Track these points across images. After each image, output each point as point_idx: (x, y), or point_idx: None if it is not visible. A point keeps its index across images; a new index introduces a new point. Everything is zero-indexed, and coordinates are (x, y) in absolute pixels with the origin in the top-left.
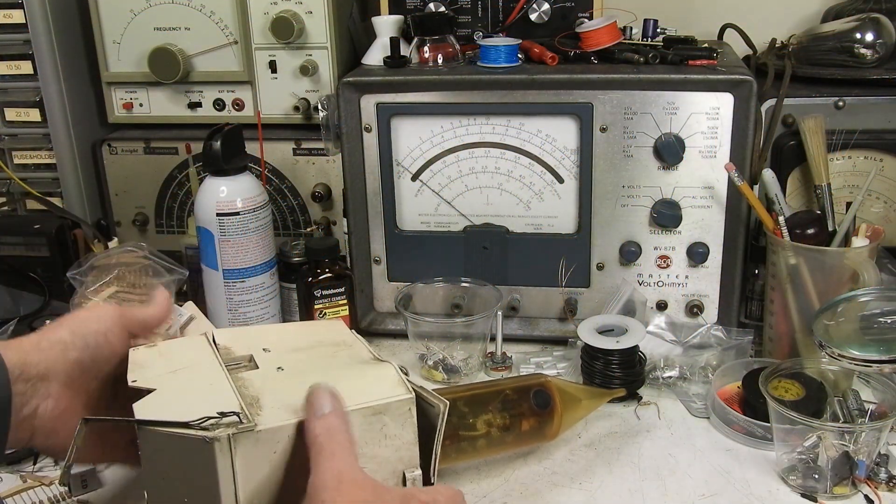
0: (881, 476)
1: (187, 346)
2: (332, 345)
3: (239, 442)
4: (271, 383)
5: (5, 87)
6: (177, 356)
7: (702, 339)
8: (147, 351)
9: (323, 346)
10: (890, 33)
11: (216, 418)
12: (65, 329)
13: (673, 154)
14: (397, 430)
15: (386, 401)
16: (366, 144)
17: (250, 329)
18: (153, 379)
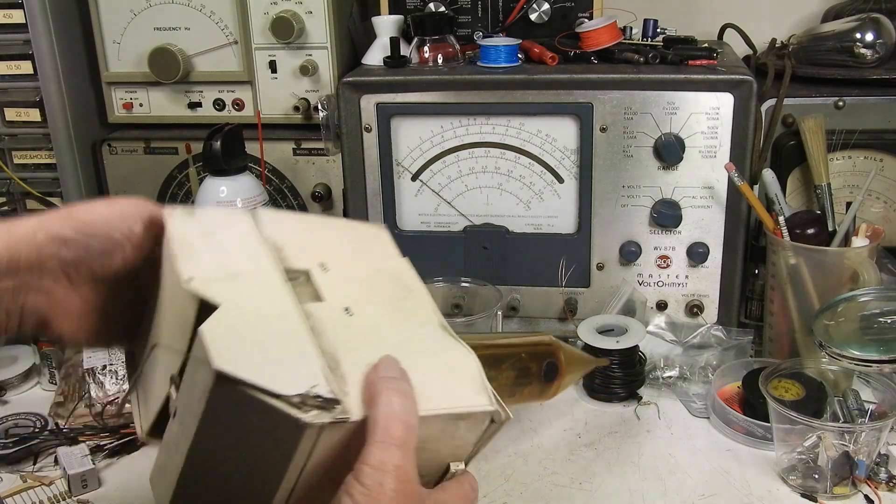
0: (881, 476)
1: (233, 226)
2: (392, 279)
3: (327, 431)
4: (344, 334)
5: (5, 87)
6: (228, 244)
7: (702, 339)
8: (188, 223)
9: (382, 277)
10: (890, 33)
11: (315, 401)
12: (68, 225)
13: (673, 154)
14: (466, 433)
15: (469, 409)
16: (366, 144)
17: (292, 219)
18: (212, 283)
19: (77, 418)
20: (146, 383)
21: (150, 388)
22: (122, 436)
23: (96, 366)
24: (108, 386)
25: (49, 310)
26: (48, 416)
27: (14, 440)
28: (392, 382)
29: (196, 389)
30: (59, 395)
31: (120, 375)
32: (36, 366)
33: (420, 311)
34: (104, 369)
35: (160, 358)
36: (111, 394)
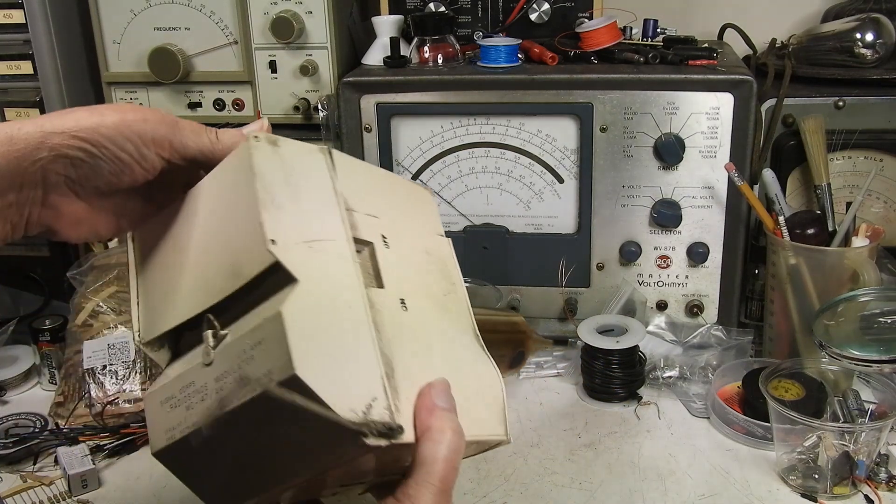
0: (881, 476)
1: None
2: (439, 266)
3: (383, 448)
4: (399, 334)
5: (5, 87)
6: (307, 195)
7: (702, 339)
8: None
9: (431, 264)
10: (890, 33)
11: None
12: (75, 144)
13: (673, 154)
14: (467, 450)
15: (488, 438)
16: (366, 144)
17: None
18: (291, 250)
19: (77, 418)
20: (157, 282)
21: (165, 291)
22: (122, 436)
23: (96, 366)
24: (108, 386)
25: (55, 220)
26: (48, 416)
27: (14, 440)
28: (445, 417)
29: (252, 367)
30: (59, 395)
31: (120, 375)
32: (36, 366)
33: (459, 311)
34: (104, 369)
35: (190, 269)
36: (111, 394)
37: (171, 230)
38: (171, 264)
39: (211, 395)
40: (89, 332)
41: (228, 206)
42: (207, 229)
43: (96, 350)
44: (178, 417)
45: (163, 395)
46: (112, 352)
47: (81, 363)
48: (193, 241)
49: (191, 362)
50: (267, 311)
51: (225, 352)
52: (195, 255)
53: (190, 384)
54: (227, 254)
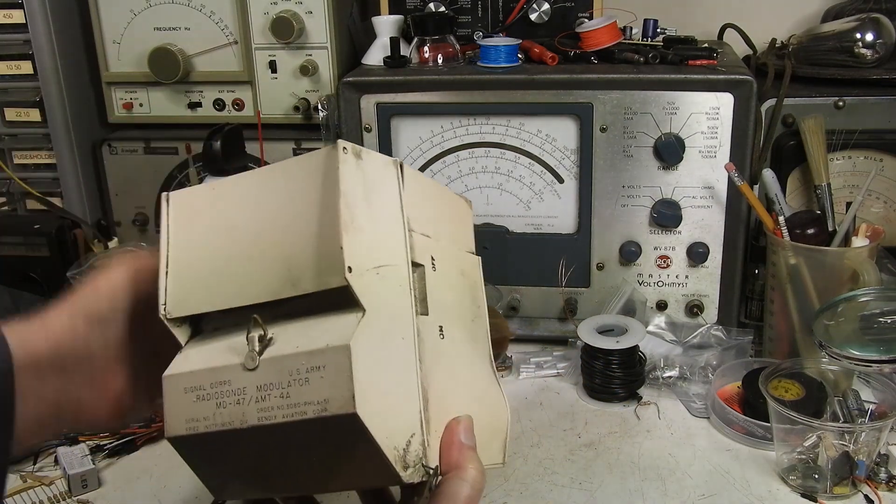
0: (881, 476)
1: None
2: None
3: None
4: (434, 364)
5: (5, 87)
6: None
7: (702, 339)
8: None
9: (465, 287)
10: (890, 33)
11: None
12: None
13: (673, 154)
14: None
15: (488, 465)
16: (366, 144)
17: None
18: (363, 277)
19: None
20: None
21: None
22: (122, 436)
23: None
24: None
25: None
26: None
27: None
28: (470, 457)
29: (306, 390)
30: None
31: None
32: None
33: (482, 336)
34: None
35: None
36: None
37: (219, 207)
38: (214, 244)
39: (249, 402)
40: None
41: (299, 210)
42: (267, 223)
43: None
44: (205, 411)
45: (188, 383)
46: None
47: None
48: (246, 228)
49: (224, 356)
50: (327, 333)
51: (274, 363)
52: (246, 245)
53: (225, 382)
54: (287, 258)
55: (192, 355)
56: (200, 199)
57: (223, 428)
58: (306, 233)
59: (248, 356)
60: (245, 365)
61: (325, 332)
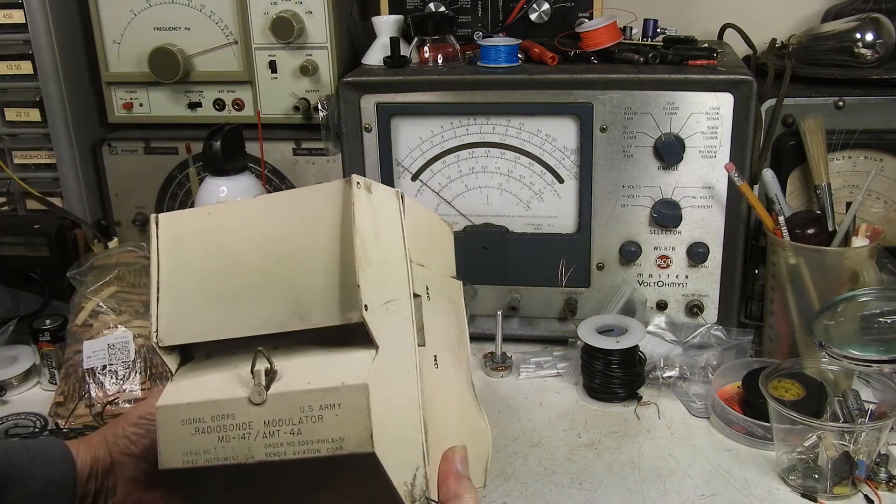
0: (881, 476)
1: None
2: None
3: None
4: (431, 395)
5: (5, 87)
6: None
7: (702, 339)
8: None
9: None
10: (890, 33)
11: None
12: (128, 421)
13: (673, 154)
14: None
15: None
16: (366, 144)
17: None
18: (375, 313)
19: (77, 418)
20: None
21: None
22: None
23: (96, 366)
24: (108, 386)
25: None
26: (48, 416)
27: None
28: (467, 487)
29: (319, 427)
30: (59, 395)
31: (120, 375)
32: (36, 366)
33: (465, 360)
34: (104, 369)
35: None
36: (111, 394)
37: (216, 232)
38: (210, 270)
39: (256, 437)
40: (89, 332)
41: (309, 242)
42: (271, 252)
43: (96, 350)
44: (205, 445)
45: (186, 414)
46: (112, 352)
47: (81, 363)
48: (247, 256)
49: (226, 388)
50: (340, 370)
51: (283, 399)
52: (247, 273)
53: (227, 416)
54: (294, 290)
55: (188, 385)
56: (194, 222)
57: (226, 462)
58: (317, 266)
59: (255, 391)
60: (251, 399)
61: (337, 368)
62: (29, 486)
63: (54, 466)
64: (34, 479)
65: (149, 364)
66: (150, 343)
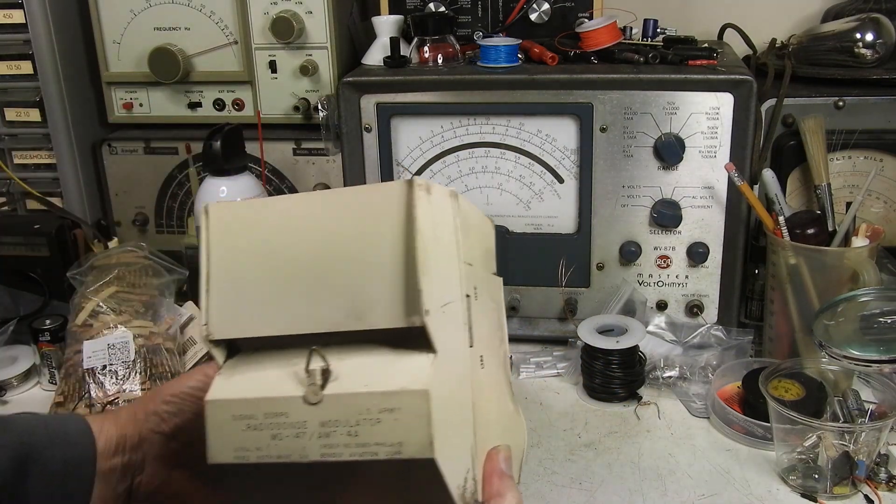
0: (881, 476)
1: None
2: (497, 314)
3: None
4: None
5: (5, 87)
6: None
7: (702, 339)
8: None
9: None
10: (890, 33)
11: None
12: (159, 398)
13: (673, 154)
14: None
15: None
16: (366, 144)
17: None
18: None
19: None
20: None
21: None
22: None
23: (96, 366)
24: (108, 386)
25: (160, 491)
26: None
27: None
28: (510, 486)
29: (377, 430)
30: (59, 395)
31: (120, 375)
32: (36, 366)
33: (506, 360)
34: (104, 369)
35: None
36: (111, 394)
37: (269, 226)
38: (262, 264)
39: (311, 437)
40: (89, 332)
41: (367, 242)
42: (327, 250)
43: (96, 350)
44: (258, 442)
45: (238, 410)
46: (112, 352)
47: (81, 363)
48: (301, 252)
49: (279, 386)
50: (398, 373)
51: (340, 400)
52: (301, 270)
53: (281, 414)
54: (351, 289)
55: (238, 380)
56: (247, 213)
57: (278, 460)
58: (375, 267)
59: (311, 390)
60: (307, 399)
61: (396, 371)
62: (48, 468)
63: (74, 445)
64: (53, 459)
65: (149, 364)
66: (151, 343)
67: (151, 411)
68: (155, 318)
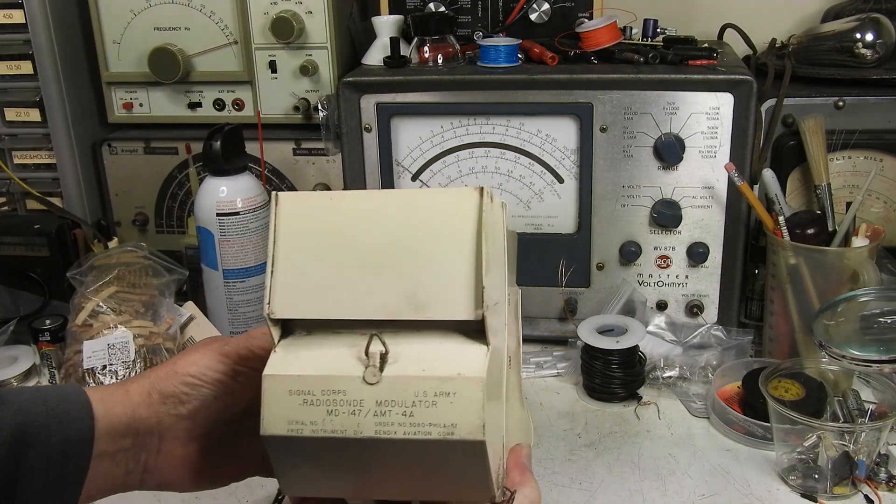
0: (881, 476)
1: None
2: (517, 318)
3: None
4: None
5: (5, 87)
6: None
7: (702, 339)
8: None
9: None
10: (890, 33)
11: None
12: (177, 380)
13: (673, 154)
14: None
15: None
16: (366, 144)
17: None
18: (489, 312)
19: None
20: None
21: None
22: None
23: (96, 366)
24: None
25: (172, 470)
26: None
27: None
28: (532, 480)
29: (432, 412)
30: None
31: (120, 375)
32: (36, 366)
33: (520, 363)
34: (104, 369)
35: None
36: None
37: (336, 217)
38: (327, 252)
39: (366, 415)
40: (89, 332)
41: (432, 240)
42: (392, 244)
43: (96, 350)
44: (312, 416)
45: (294, 385)
46: (112, 352)
47: (81, 363)
48: (366, 244)
49: (338, 365)
50: (454, 361)
51: (398, 382)
52: (365, 260)
53: (339, 391)
54: (412, 281)
55: (294, 358)
56: (315, 204)
57: (332, 435)
58: (439, 262)
59: (370, 371)
60: (366, 379)
61: (452, 359)
62: (44, 450)
63: (73, 424)
64: (49, 440)
65: (148, 364)
66: (151, 343)
67: (169, 393)
68: (155, 318)
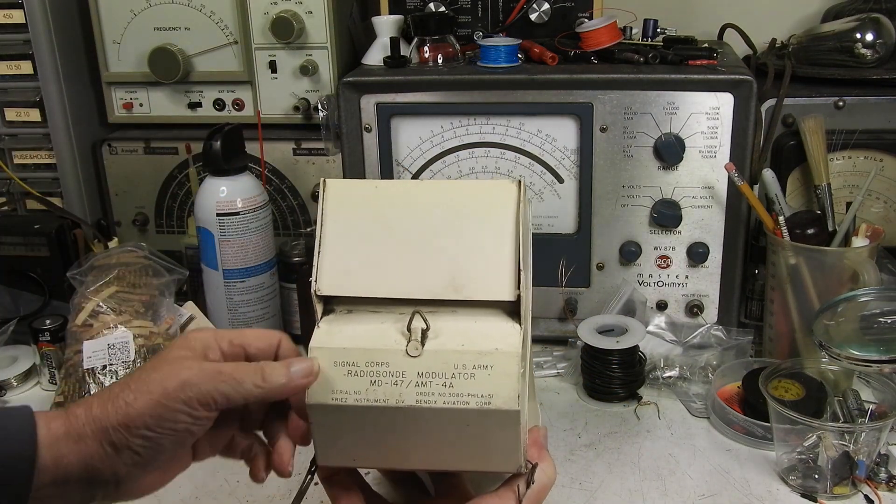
0: (881, 476)
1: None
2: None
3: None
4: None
5: (5, 87)
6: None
7: (702, 339)
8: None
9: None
10: (890, 33)
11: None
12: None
13: (673, 154)
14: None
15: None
16: (366, 144)
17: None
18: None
19: None
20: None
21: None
22: None
23: (96, 366)
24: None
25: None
26: None
27: None
28: (545, 455)
29: (470, 383)
30: (59, 395)
31: (120, 375)
32: (36, 366)
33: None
34: (104, 369)
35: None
36: None
37: (381, 204)
38: (372, 235)
39: (408, 385)
40: (89, 332)
41: (471, 228)
42: (433, 230)
43: (96, 350)
44: (356, 386)
45: (340, 357)
46: (112, 352)
47: (81, 363)
48: (409, 230)
49: (382, 339)
50: (491, 337)
51: (439, 356)
52: (408, 244)
53: (383, 363)
54: (452, 264)
55: (337, 333)
56: (361, 191)
57: (375, 404)
58: (477, 249)
59: (413, 345)
60: (408, 352)
61: (489, 335)
62: None
63: (10, 441)
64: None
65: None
66: (151, 343)
67: (125, 446)
68: (155, 318)
